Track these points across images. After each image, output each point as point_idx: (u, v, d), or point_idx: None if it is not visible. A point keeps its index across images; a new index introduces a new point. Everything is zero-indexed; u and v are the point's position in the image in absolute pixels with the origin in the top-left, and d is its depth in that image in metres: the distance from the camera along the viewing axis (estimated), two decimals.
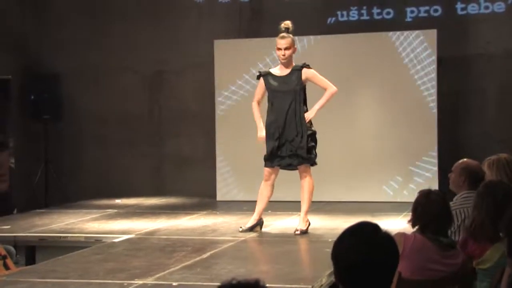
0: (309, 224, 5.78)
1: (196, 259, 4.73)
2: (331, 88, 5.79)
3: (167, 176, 8.91)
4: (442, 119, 7.71)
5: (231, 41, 8.22)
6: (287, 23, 5.83)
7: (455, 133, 8.07)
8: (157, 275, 4.25)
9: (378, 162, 7.80)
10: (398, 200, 7.62)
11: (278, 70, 5.81)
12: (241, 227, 5.77)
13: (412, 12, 8.22)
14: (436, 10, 8.18)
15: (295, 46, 5.83)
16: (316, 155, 5.78)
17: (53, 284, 4.13)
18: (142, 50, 8.91)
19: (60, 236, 5.82)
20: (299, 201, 5.90)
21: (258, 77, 5.88)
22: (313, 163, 5.79)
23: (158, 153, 8.97)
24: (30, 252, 6.04)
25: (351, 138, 7.89)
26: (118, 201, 7.96)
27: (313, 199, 7.57)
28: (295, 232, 5.64)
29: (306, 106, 5.81)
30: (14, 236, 5.78)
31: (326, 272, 4.17)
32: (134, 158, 8.94)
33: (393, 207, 6.99)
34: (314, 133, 5.76)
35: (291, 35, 5.78)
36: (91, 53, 9.01)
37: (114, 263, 4.69)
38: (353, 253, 2.00)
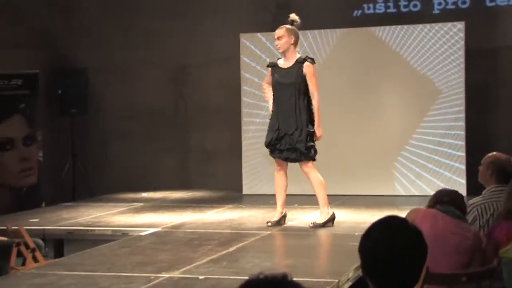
0: (333, 217, 5.72)
1: (222, 252, 4.73)
2: (316, 97, 5.69)
3: (193, 169, 8.94)
4: (470, 112, 7.62)
5: (257, 35, 8.20)
6: (292, 16, 5.76)
7: (483, 125, 7.97)
8: (184, 269, 4.27)
9: (405, 156, 7.74)
10: (426, 194, 7.55)
11: (283, 62, 5.76)
12: (268, 222, 5.76)
13: (439, 4, 8.13)
14: (464, 2, 8.07)
15: (295, 38, 5.67)
16: (315, 152, 5.70)
17: (81, 277, 4.17)
18: (168, 44, 8.94)
19: (88, 230, 5.88)
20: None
21: (268, 67, 5.87)
22: (312, 159, 5.71)
23: (184, 147, 9.01)
24: (58, 245, 6.11)
25: (377, 132, 7.84)
26: (144, 194, 8.01)
27: (339, 193, 7.57)
28: (309, 225, 5.62)
29: (309, 98, 5.69)
30: (43, 229, 5.85)
31: (352, 266, 4.14)
32: (160, 152, 8.98)
33: (421, 201, 6.92)
34: (313, 133, 5.66)
35: (288, 26, 5.67)
36: (117, 48, 9.07)
37: (141, 256, 4.71)
38: (380, 246, 1.98)
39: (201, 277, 4.06)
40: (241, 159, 8.18)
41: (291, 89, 5.63)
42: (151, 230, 5.67)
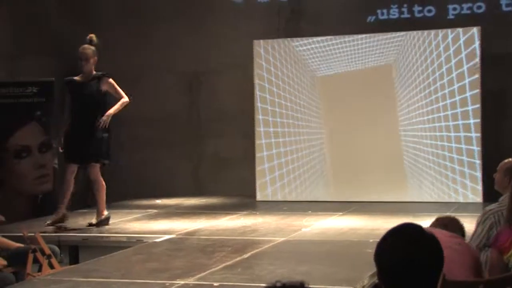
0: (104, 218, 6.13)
1: (236, 259, 4.73)
2: None
3: (207, 176, 8.94)
4: (486, 118, 7.56)
5: (270, 41, 8.21)
6: (91, 36, 6.40)
7: (499, 131, 7.91)
8: (198, 275, 4.27)
9: (420, 162, 7.71)
10: (440, 200, 7.52)
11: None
12: None
13: (454, 9, 8.09)
14: (479, 7, 8.03)
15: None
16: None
17: (96, 283, 4.18)
18: (182, 51, 8.97)
19: (103, 236, 5.90)
20: (340, 202, 5.87)
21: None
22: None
23: (198, 153, 9.02)
24: (73, 251, 6.13)
25: (391, 138, 7.81)
26: (158, 201, 8.03)
27: (353, 200, 7.55)
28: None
29: None
30: (58, 236, 5.88)
31: (368, 273, 4.12)
32: (174, 158, 9.00)
33: (435, 208, 6.88)
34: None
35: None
36: (131, 55, 9.10)
37: (155, 263, 4.72)
38: (396, 254, 1.97)
39: (215, 284, 4.06)
40: (254, 166, 8.18)
41: None
42: (166, 236, 5.68)
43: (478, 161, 7.49)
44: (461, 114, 7.57)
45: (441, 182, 7.66)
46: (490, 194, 7.19)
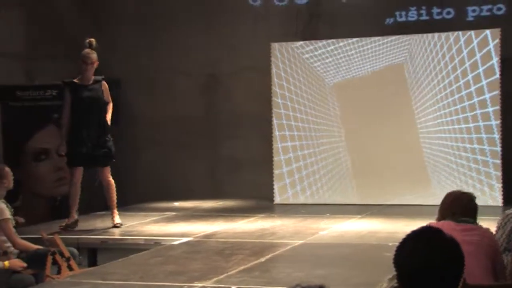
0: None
1: (254, 262, 4.72)
2: None
3: (224, 178, 8.95)
4: (507, 120, 7.49)
5: (288, 44, 8.20)
6: (91, 40, 6.42)
7: None
8: (216, 278, 4.26)
9: (440, 164, 7.65)
10: None
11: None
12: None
13: (473, 11, 8.02)
14: (499, 9, 7.95)
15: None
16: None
17: (114, 286, 4.19)
18: (198, 53, 8.99)
19: (121, 239, 5.92)
20: (358, 204, 5.84)
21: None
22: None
23: (214, 156, 9.02)
24: (92, 254, 6.16)
25: (411, 140, 7.76)
26: (176, 204, 8.04)
27: (373, 203, 7.52)
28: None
29: None
30: (77, 238, 5.91)
31: (386, 276, 4.08)
32: (190, 161, 9.01)
33: None
34: None
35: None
36: (147, 58, 9.14)
37: (173, 265, 4.72)
38: (416, 257, 1.95)
39: (233, 287, 4.05)
40: (272, 168, 8.17)
41: None
42: (183, 239, 5.69)
43: (498, 161, 7.40)
44: (481, 115, 7.49)
45: (460, 184, 7.59)
46: (510, 197, 7.13)
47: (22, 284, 4.71)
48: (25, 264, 4.97)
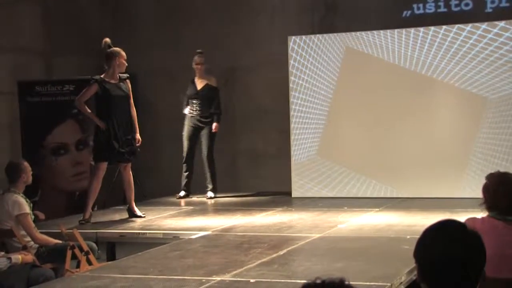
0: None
1: (272, 255, 4.72)
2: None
3: (242, 172, 8.95)
4: None
5: (305, 37, 8.18)
6: (106, 40, 6.51)
7: None
8: (234, 272, 4.27)
9: (457, 157, 7.59)
10: (477, 196, 7.38)
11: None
12: None
13: (492, 2, 7.94)
14: None
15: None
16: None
17: (133, 280, 4.22)
18: (216, 48, 8.99)
19: (139, 233, 5.95)
20: (376, 198, 5.82)
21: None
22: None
23: (233, 149, 9.03)
24: (110, 248, 6.20)
25: (429, 133, 7.71)
26: (194, 198, 8.06)
27: (391, 196, 7.48)
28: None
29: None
30: (96, 233, 5.95)
31: (405, 269, 4.08)
32: None
33: (472, 203, 6.76)
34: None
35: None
36: (166, 53, 9.16)
37: (192, 259, 4.74)
38: (437, 251, 1.94)
39: (252, 281, 4.06)
40: (290, 162, 8.16)
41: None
42: (202, 233, 5.70)
43: None
44: (499, 110, 7.41)
45: (477, 177, 7.52)
46: None
47: (42, 278, 4.75)
48: (34, 258, 4.99)
